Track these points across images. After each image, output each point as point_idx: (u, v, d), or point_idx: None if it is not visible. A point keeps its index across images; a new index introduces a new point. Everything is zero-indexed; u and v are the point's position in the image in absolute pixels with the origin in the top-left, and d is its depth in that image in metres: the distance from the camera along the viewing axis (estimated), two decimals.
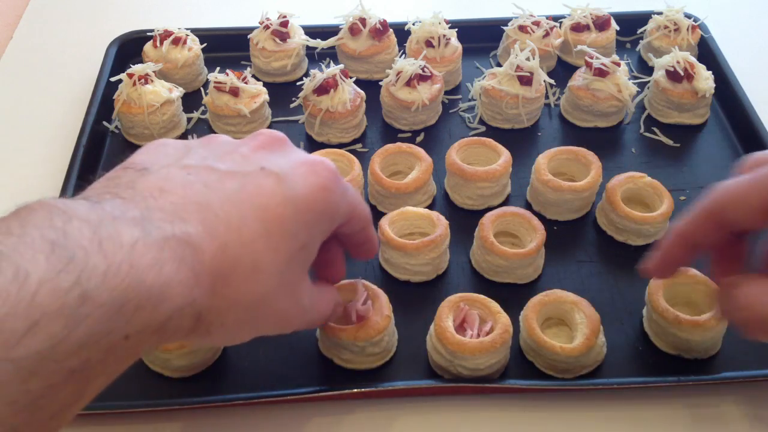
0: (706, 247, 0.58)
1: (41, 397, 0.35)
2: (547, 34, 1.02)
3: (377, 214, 0.84)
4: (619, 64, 0.95)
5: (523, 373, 0.70)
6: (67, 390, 0.37)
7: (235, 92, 0.92)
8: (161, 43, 1.01)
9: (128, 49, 1.06)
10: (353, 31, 1.02)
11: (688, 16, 1.07)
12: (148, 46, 1.03)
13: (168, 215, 0.43)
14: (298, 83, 0.96)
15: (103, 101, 0.97)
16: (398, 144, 0.88)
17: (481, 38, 1.09)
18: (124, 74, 0.93)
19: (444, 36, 1.00)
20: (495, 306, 0.69)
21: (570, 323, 0.71)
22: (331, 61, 1.07)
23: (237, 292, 0.45)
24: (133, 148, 0.92)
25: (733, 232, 0.56)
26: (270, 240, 0.46)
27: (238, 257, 0.45)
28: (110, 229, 0.39)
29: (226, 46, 1.08)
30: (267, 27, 1.02)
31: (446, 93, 1.01)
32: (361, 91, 0.95)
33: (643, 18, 1.08)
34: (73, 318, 0.36)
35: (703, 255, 0.60)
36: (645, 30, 1.07)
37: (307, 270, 0.53)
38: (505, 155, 0.85)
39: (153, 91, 0.92)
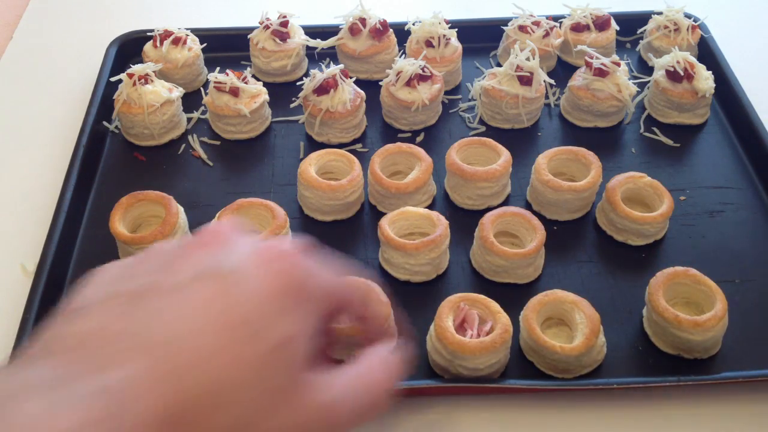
0: None
1: None
2: (547, 34, 1.02)
3: (377, 214, 0.84)
4: (619, 64, 0.95)
5: (523, 373, 0.70)
6: None
7: (235, 92, 0.92)
8: (161, 43, 1.01)
9: (128, 49, 1.06)
10: (353, 31, 1.02)
11: (688, 16, 1.07)
12: (148, 46, 1.03)
13: (94, 366, 0.36)
14: (298, 83, 0.96)
15: (103, 101, 0.97)
16: (398, 144, 0.88)
17: (481, 38, 1.09)
18: (124, 74, 0.93)
19: (444, 36, 1.00)
20: (495, 306, 0.69)
21: (570, 323, 0.71)
22: (331, 61, 1.07)
23: (204, 426, 0.37)
24: (133, 148, 0.94)
25: None
26: (226, 352, 0.38)
27: (189, 388, 0.37)
28: (14, 409, 0.33)
29: (226, 46, 1.08)
30: (267, 27, 1.02)
31: (446, 93, 1.01)
32: (361, 91, 0.95)
33: (643, 18, 1.08)
34: None
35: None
36: (645, 30, 1.07)
37: (298, 366, 0.42)
38: (505, 155, 0.85)
39: (153, 91, 0.92)
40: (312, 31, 1.06)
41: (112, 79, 0.97)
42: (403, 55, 1.02)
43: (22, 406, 0.33)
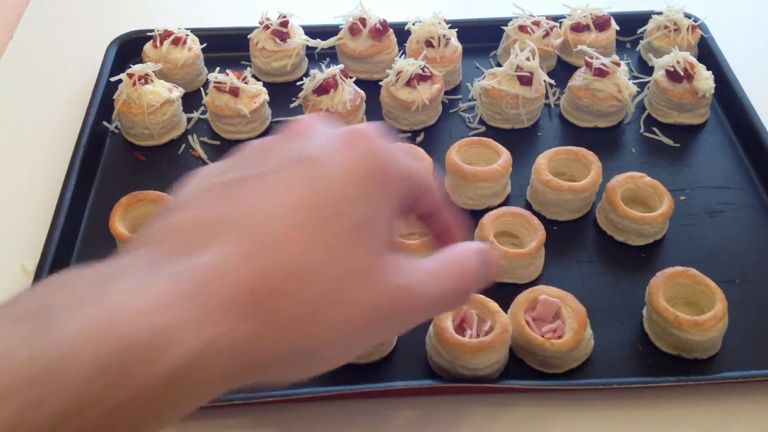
0: None
1: None
2: (547, 34, 1.02)
3: None
4: (619, 64, 0.95)
5: (515, 371, 0.70)
6: None
7: (235, 92, 0.92)
8: (161, 43, 1.01)
9: (128, 49, 1.06)
10: (353, 31, 1.02)
11: (688, 16, 1.07)
12: (148, 46, 1.03)
13: (186, 249, 0.38)
14: (298, 83, 0.96)
15: (103, 101, 0.97)
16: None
17: (481, 38, 1.09)
18: (124, 74, 0.93)
19: (444, 36, 1.00)
20: (494, 306, 0.69)
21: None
22: (331, 61, 1.07)
23: (286, 303, 0.38)
24: (134, 148, 0.94)
25: None
26: (307, 233, 0.40)
27: (274, 265, 0.38)
28: (106, 287, 0.35)
29: (226, 46, 1.08)
30: (267, 27, 1.02)
31: (446, 93, 1.01)
32: (361, 91, 0.95)
33: (643, 18, 1.08)
34: (38, 392, 0.31)
35: None
36: (645, 30, 1.07)
37: (380, 246, 0.42)
38: (505, 155, 0.85)
39: (153, 91, 0.92)
40: (312, 31, 1.06)
41: (112, 79, 0.97)
42: (403, 55, 1.02)
43: (113, 285, 0.35)
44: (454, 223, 0.51)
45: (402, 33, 1.04)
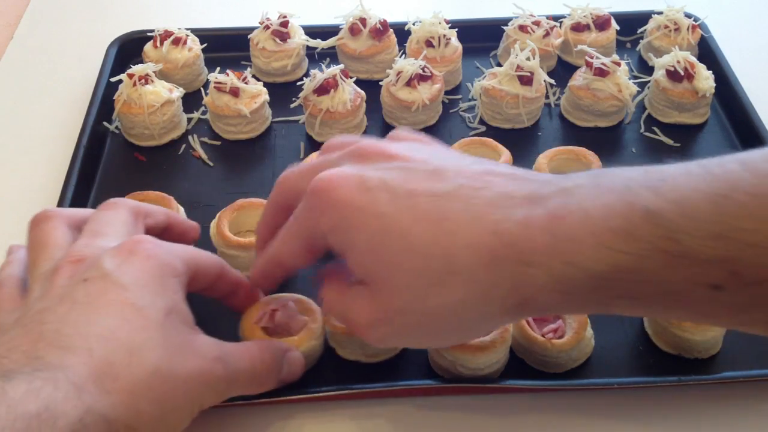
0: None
1: None
2: (547, 34, 1.02)
3: None
4: (619, 64, 0.95)
5: (515, 371, 0.70)
6: None
7: (235, 92, 0.92)
8: (161, 43, 1.01)
9: (128, 50, 1.06)
10: (353, 31, 1.02)
11: (688, 15, 1.07)
12: (148, 47, 1.03)
13: (30, 359, 0.47)
14: (298, 83, 0.96)
15: (103, 101, 0.97)
16: None
17: (481, 38, 1.09)
18: (125, 74, 0.93)
19: (444, 36, 1.00)
20: None
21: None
22: (331, 61, 1.07)
23: (128, 372, 0.48)
24: (134, 148, 0.94)
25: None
26: (128, 326, 0.49)
27: (114, 351, 0.48)
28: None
29: (226, 46, 1.08)
30: (267, 27, 1.02)
31: (446, 93, 1.01)
32: (361, 91, 0.95)
33: (643, 18, 1.08)
34: None
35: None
36: (645, 30, 1.07)
37: (189, 327, 0.54)
38: (505, 155, 0.85)
39: (153, 92, 0.92)
40: (312, 31, 1.06)
41: (113, 79, 0.97)
42: (404, 55, 1.02)
43: (6, 386, 0.43)
44: (240, 280, 0.63)
45: (402, 33, 1.04)
